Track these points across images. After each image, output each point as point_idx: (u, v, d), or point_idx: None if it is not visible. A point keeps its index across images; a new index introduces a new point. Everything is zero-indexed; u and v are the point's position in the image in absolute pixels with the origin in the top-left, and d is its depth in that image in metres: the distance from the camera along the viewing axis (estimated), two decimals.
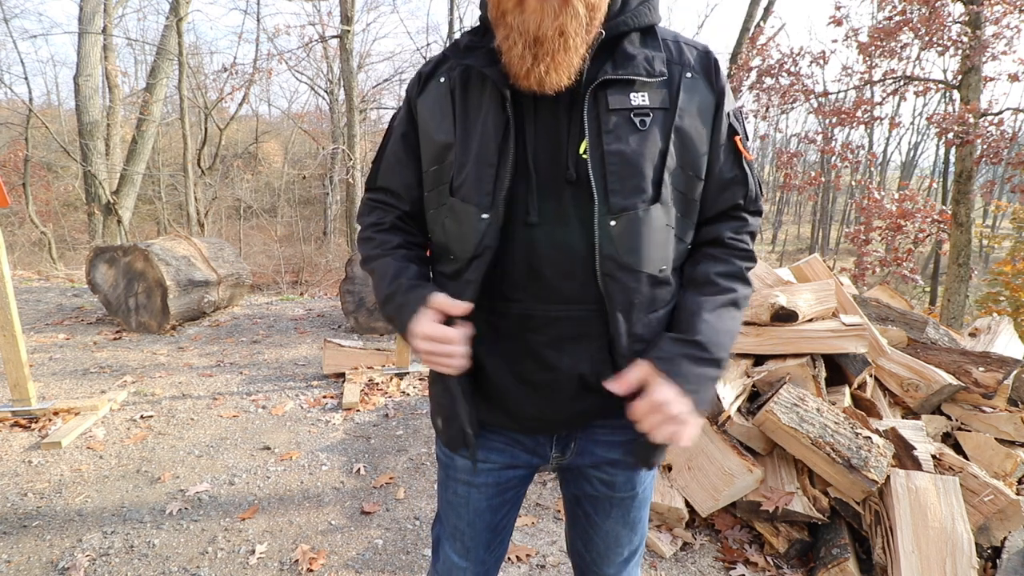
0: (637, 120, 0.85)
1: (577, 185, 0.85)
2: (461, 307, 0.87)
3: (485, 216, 0.86)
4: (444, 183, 0.92)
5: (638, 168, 0.84)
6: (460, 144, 0.89)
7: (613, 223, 0.84)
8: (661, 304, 0.91)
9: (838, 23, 8.09)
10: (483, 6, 0.89)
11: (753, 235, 0.98)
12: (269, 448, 2.88)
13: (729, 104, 0.92)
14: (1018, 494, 2.15)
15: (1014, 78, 7.16)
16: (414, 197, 1.01)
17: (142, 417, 3.16)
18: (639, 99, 0.85)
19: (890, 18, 7.40)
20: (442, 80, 0.92)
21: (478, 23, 0.92)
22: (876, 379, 2.65)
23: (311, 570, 2.00)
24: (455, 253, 0.91)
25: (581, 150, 0.85)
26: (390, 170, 1.02)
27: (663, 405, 0.81)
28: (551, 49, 0.79)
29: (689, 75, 0.88)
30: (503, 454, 1.02)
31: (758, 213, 0.98)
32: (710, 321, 0.88)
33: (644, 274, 0.87)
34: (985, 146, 6.76)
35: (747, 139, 0.94)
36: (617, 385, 0.85)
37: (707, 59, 0.90)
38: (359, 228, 1.07)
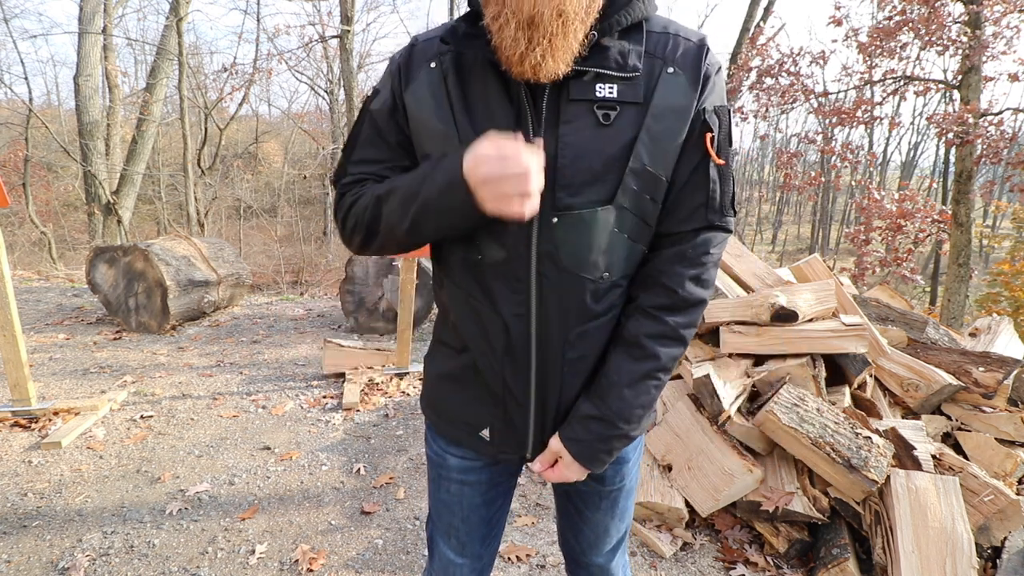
0: (600, 113, 0.78)
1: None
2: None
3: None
4: None
5: (593, 165, 0.78)
6: (463, 134, 0.81)
7: (555, 220, 0.80)
8: (602, 313, 0.87)
9: (838, 23, 8.09)
10: None
11: (713, 264, 0.87)
12: (269, 448, 2.88)
13: (712, 100, 0.82)
14: (1018, 494, 2.15)
15: (1014, 78, 7.16)
16: (398, 169, 0.91)
17: (142, 417, 3.16)
18: (606, 91, 0.78)
19: (890, 18, 7.41)
20: (432, 66, 0.84)
21: (468, 9, 0.84)
22: (876, 379, 2.65)
23: (311, 570, 2.00)
24: (483, 253, 0.85)
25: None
26: (368, 144, 0.91)
27: (564, 475, 0.92)
28: (548, 32, 0.71)
29: (671, 70, 0.80)
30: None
31: (723, 228, 0.86)
32: (627, 397, 0.86)
33: (583, 278, 0.83)
34: (985, 146, 6.76)
35: (728, 142, 0.84)
36: (538, 466, 0.94)
37: (698, 53, 0.81)
38: (340, 223, 0.93)
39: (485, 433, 0.96)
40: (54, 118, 18.02)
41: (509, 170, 0.72)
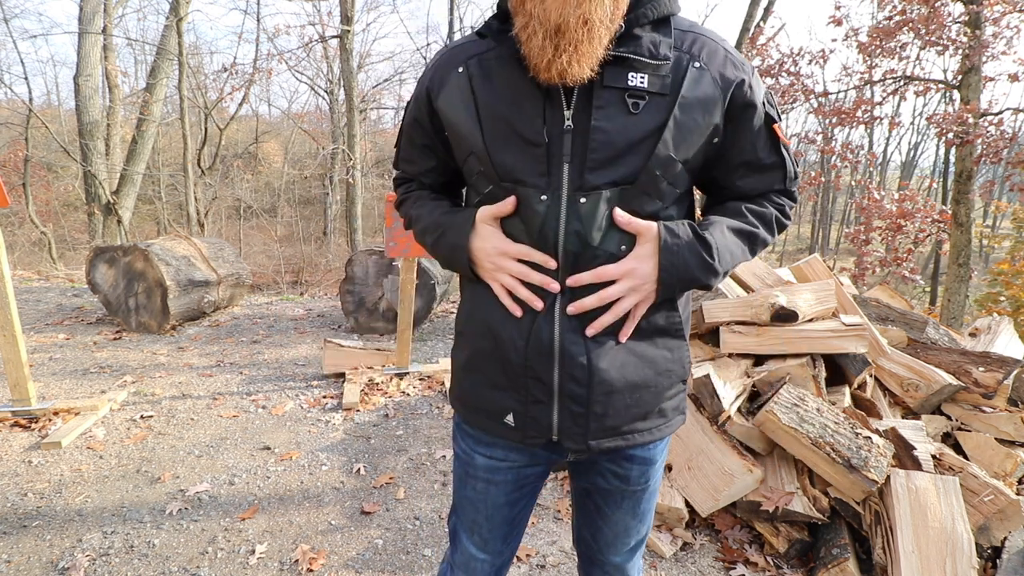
0: (631, 102, 0.83)
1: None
2: (509, 204, 0.88)
3: (544, 198, 0.86)
4: (481, 171, 0.91)
5: (620, 150, 0.84)
6: (487, 131, 0.88)
7: (583, 200, 0.85)
8: None
9: (838, 23, 8.10)
10: None
11: (789, 212, 1.00)
12: (269, 448, 2.88)
13: (761, 92, 0.91)
14: (1018, 494, 2.15)
15: (1014, 78, 7.17)
16: (432, 180, 1.09)
17: (142, 417, 3.16)
18: (637, 80, 0.83)
19: (890, 18, 7.41)
20: (460, 71, 0.91)
21: (496, 9, 0.90)
22: (876, 379, 2.65)
23: (311, 570, 2.00)
24: (513, 240, 0.90)
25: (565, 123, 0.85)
26: (406, 159, 1.09)
27: (632, 272, 0.86)
28: (574, 39, 0.76)
29: (697, 65, 0.85)
30: (523, 453, 1.03)
31: (793, 197, 1.01)
32: (724, 238, 0.91)
33: (606, 252, 0.87)
34: (985, 146, 6.76)
35: (780, 120, 0.95)
36: (622, 217, 0.85)
37: (724, 55, 0.88)
38: (396, 195, 1.16)
39: (509, 419, 0.97)
40: (54, 118, 18.02)
41: (513, 273, 0.90)
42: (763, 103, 0.91)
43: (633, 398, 0.94)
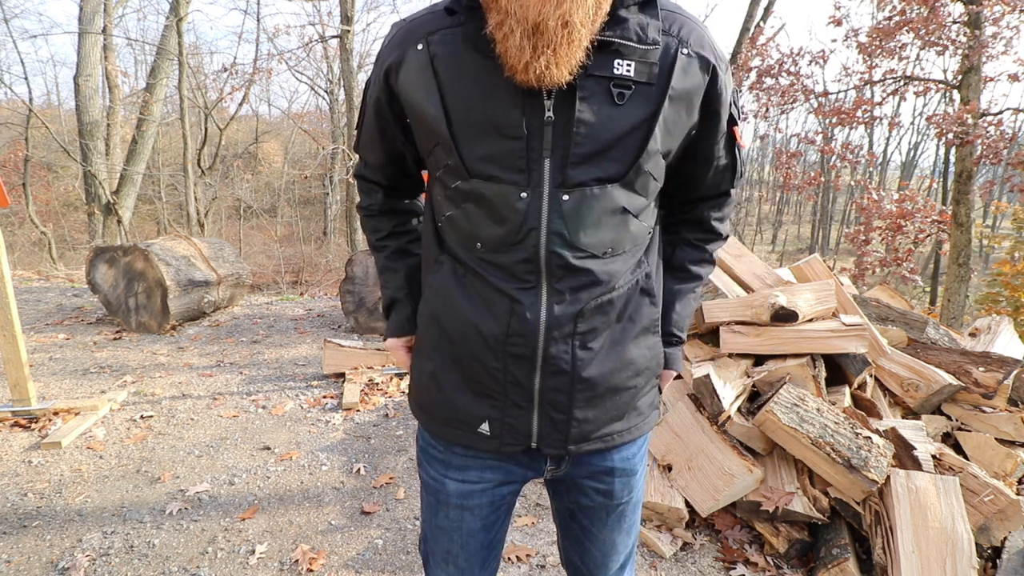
0: (616, 92, 0.77)
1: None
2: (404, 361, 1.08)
3: (524, 195, 0.80)
4: (449, 164, 0.83)
5: (604, 144, 0.78)
6: (455, 117, 0.80)
7: (566, 197, 0.79)
8: (613, 287, 0.86)
9: (838, 23, 8.11)
10: None
11: (732, 210, 1.07)
12: (269, 448, 2.88)
13: (730, 90, 0.87)
14: (1018, 494, 2.15)
15: (1014, 78, 7.17)
16: (388, 174, 1.03)
17: (142, 417, 3.16)
18: (623, 68, 0.77)
19: (890, 18, 7.41)
20: (420, 48, 0.81)
21: None
22: (876, 379, 2.65)
23: (311, 570, 2.00)
24: (483, 240, 0.84)
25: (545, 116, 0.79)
26: (366, 145, 1.00)
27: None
28: (552, 41, 0.70)
29: (686, 51, 0.80)
30: (497, 471, 0.97)
31: (731, 196, 1.05)
32: (680, 312, 1.04)
33: (591, 254, 0.83)
34: (985, 146, 6.76)
35: (744, 120, 0.96)
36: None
37: (710, 42, 0.83)
38: (360, 198, 1.12)
39: (484, 427, 0.91)
40: (54, 118, 18.00)
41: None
42: (731, 102, 0.88)
43: (613, 400, 0.92)
